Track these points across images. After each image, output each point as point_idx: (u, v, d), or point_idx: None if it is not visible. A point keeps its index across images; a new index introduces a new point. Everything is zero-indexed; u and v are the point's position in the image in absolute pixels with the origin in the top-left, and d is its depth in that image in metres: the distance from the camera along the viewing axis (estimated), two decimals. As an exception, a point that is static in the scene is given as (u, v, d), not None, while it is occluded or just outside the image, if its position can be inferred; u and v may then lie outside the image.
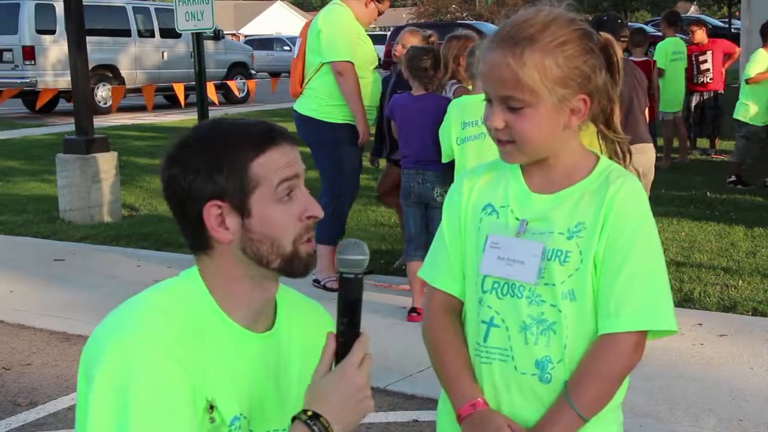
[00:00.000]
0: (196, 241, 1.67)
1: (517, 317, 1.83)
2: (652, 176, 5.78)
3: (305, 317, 1.81)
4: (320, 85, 6.05)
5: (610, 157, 1.91)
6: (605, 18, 6.12)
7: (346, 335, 1.62)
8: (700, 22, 11.67)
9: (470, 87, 5.43)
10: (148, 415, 1.50)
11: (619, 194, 1.80)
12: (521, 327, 1.82)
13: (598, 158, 1.89)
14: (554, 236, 1.81)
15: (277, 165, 1.63)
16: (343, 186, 6.01)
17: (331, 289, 5.86)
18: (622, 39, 5.78)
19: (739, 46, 12.95)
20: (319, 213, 1.67)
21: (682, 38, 11.16)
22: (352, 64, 5.88)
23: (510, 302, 1.84)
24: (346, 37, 5.94)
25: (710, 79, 11.06)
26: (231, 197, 1.61)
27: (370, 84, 6.06)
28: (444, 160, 5.01)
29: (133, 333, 1.56)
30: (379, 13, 6.17)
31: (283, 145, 1.65)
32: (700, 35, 11.07)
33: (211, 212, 1.62)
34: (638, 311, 1.78)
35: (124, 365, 1.52)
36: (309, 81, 6.12)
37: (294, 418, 1.58)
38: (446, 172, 5.16)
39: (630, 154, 1.93)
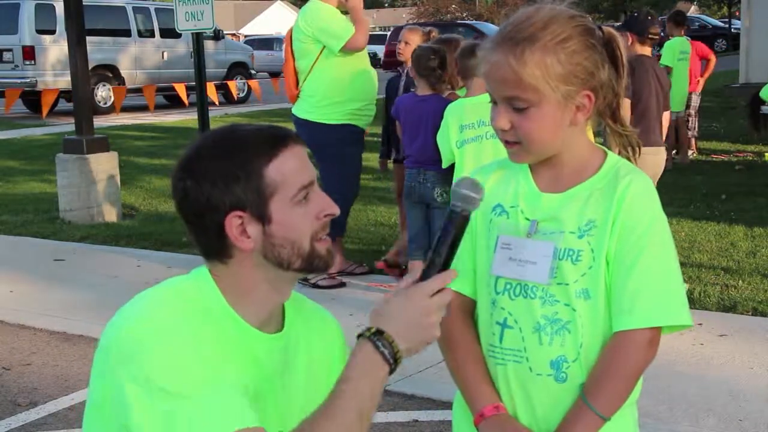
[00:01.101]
0: (214, 250, 1.65)
1: (531, 318, 1.82)
2: (656, 179, 5.76)
3: (312, 324, 1.80)
4: (314, 87, 6.10)
5: (620, 152, 1.90)
6: (636, 14, 6.07)
7: (432, 264, 1.63)
8: None
9: (462, 89, 5.44)
10: (201, 394, 1.49)
11: (629, 191, 1.79)
12: (535, 327, 1.82)
13: (606, 154, 1.88)
14: (565, 235, 1.81)
15: (291, 168, 1.62)
16: (344, 187, 6.01)
17: (324, 287, 5.93)
18: (650, 36, 5.71)
19: (739, 46, 12.96)
20: (336, 210, 1.68)
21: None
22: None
23: (523, 303, 1.83)
24: (337, 20, 6.01)
25: None
26: (251, 206, 1.60)
27: (366, 75, 6.10)
28: (444, 164, 5.01)
29: (168, 321, 1.56)
30: None
31: (295, 147, 1.64)
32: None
33: (233, 223, 1.61)
34: (651, 307, 1.77)
35: (169, 356, 1.51)
36: (303, 84, 6.17)
37: (359, 336, 1.58)
38: (447, 173, 5.17)
39: (639, 147, 1.92)
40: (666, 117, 5.71)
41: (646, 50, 5.71)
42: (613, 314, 1.80)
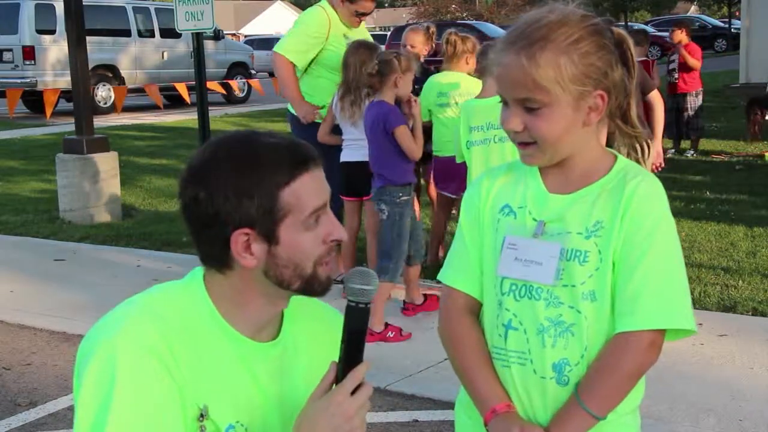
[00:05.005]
0: (214, 259, 1.62)
1: (535, 319, 1.81)
2: None
3: (313, 326, 1.77)
4: (306, 86, 6.16)
5: (628, 153, 1.89)
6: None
7: (346, 362, 1.58)
8: (682, 24, 11.76)
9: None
10: (127, 414, 1.49)
11: (637, 192, 1.78)
12: (539, 329, 1.80)
13: (616, 158, 1.87)
14: (572, 236, 1.79)
15: (308, 193, 1.58)
16: (336, 185, 5.99)
17: None
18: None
19: (739, 46, 12.97)
20: (344, 236, 1.64)
21: (666, 38, 11.23)
22: (287, 59, 6.09)
23: (527, 304, 1.81)
24: (299, 34, 6.15)
25: (676, 78, 11.21)
26: (260, 225, 1.57)
27: (326, 83, 6.12)
28: (458, 160, 5.06)
29: (121, 333, 1.54)
30: (358, 14, 6.18)
31: (314, 170, 1.60)
32: (679, 35, 11.22)
33: (239, 239, 1.57)
34: (654, 309, 1.75)
35: (109, 364, 1.51)
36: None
37: None
38: (385, 188, 5.20)
39: (649, 148, 1.91)
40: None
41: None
42: (615, 315, 1.78)
